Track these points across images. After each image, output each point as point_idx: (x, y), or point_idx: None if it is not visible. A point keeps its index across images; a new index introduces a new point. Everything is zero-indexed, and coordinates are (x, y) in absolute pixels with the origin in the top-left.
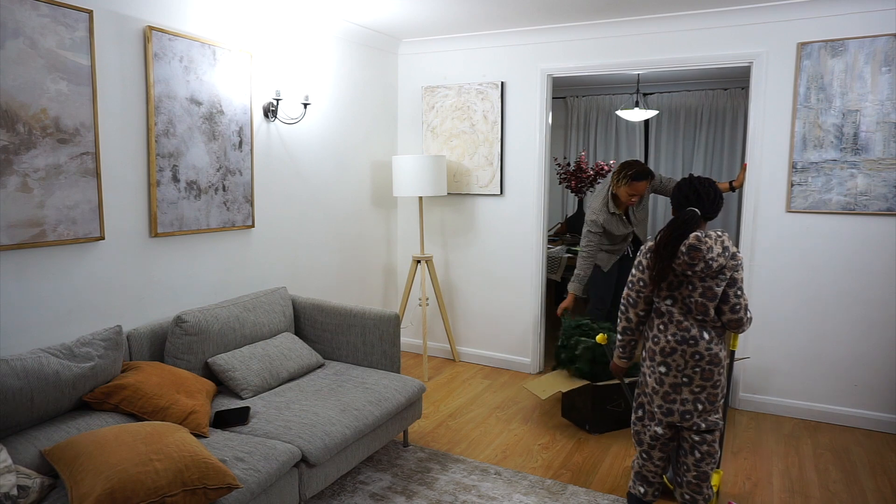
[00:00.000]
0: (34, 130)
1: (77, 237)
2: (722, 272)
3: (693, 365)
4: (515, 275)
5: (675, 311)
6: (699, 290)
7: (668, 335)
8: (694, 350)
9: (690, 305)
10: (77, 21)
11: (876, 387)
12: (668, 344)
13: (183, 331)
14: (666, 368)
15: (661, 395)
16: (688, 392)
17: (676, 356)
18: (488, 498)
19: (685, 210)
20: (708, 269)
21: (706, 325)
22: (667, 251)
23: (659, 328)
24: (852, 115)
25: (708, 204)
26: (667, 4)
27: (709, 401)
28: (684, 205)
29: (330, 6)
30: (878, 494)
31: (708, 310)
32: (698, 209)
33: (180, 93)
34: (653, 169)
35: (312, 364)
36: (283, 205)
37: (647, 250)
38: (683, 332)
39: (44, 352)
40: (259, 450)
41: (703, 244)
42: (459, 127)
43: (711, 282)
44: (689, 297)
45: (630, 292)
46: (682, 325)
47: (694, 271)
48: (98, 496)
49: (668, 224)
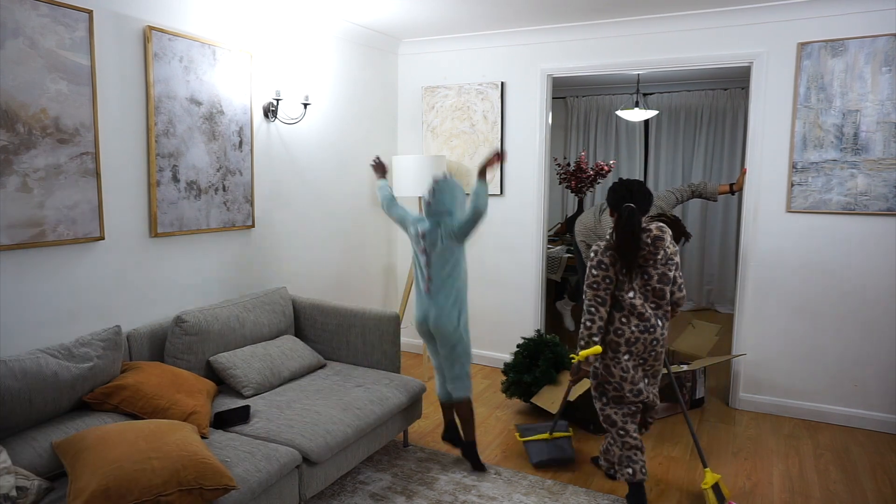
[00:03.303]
0: (34, 130)
1: (77, 237)
2: (672, 258)
3: (650, 350)
4: (515, 275)
5: (637, 303)
6: (655, 278)
7: (632, 326)
8: (653, 337)
9: (648, 293)
10: (77, 21)
11: (876, 387)
12: (632, 335)
13: (183, 331)
14: (629, 356)
15: (629, 380)
16: (642, 372)
17: (639, 344)
18: (488, 498)
19: (624, 207)
20: (665, 256)
21: (659, 312)
22: (631, 245)
23: (621, 321)
24: (852, 115)
25: (641, 200)
26: (667, 4)
27: (655, 377)
28: (621, 203)
29: (330, 6)
30: (878, 494)
31: (665, 293)
32: (633, 205)
33: (180, 93)
34: (653, 169)
35: (313, 364)
36: (283, 205)
37: (604, 250)
38: (645, 322)
39: (42, 352)
40: (260, 450)
41: (665, 234)
42: (459, 127)
43: (664, 267)
44: (648, 284)
45: (598, 292)
46: (643, 315)
47: (656, 259)
48: (93, 492)
49: (616, 224)
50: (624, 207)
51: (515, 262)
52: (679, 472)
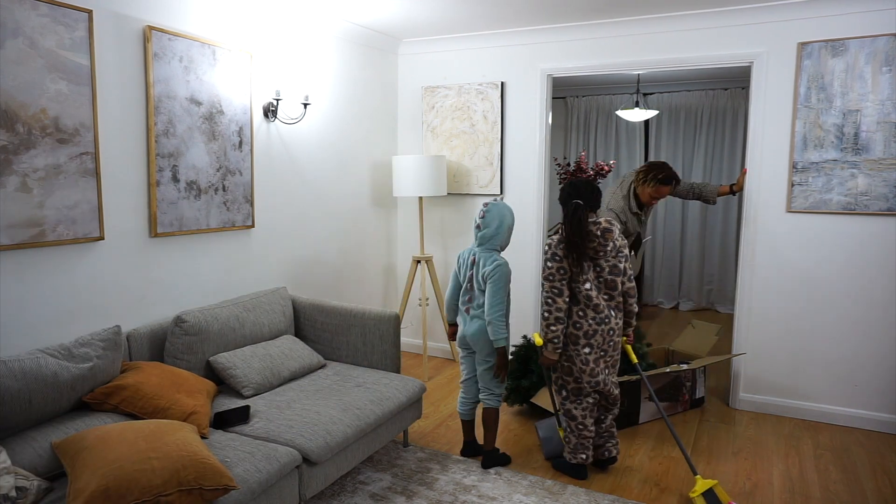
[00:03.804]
0: (34, 130)
1: (77, 237)
2: (621, 250)
3: (609, 340)
4: (515, 275)
5: (592, 295)
6: (607, 270)
7: (589, 319)
8: (608, 328)
9: (601, 285)
10: (77, 21)
11: (876, 387)
12: (590, 327)
13: (183, 331)
14: (590, 349)
15: (588, 372)
16: (603, 363)
17: (598, 336)
18: (488, 498)
19: (572, 202)
20: (614, 248)
21: (612, 304)
22: (580, 236)
23: (578, 314)
24: (853, 115)
25: (588, 196)
26: (667, 4)
27: (614, 367)
28: (570, 200)
29: (330, 6)
30: (878, 494)
31: (616, 284)
32: (581, 201)
33: (180, 93)
34: None
35: (314, 364)
36: (283, 205)
37: (557, 243)
38: (600, 314)
39: (42, 352)
40: (260, 450)
41: (613, 227)
42: (459, 127)
43: (614, 259)
44: (600, 276)
45: (554, 284)
46: (598, 308)
47: (606, 251)
48: (92, 492)
49: (565, 218)
50: (571, 203)
51: (515, 262)
52: (679, 472)
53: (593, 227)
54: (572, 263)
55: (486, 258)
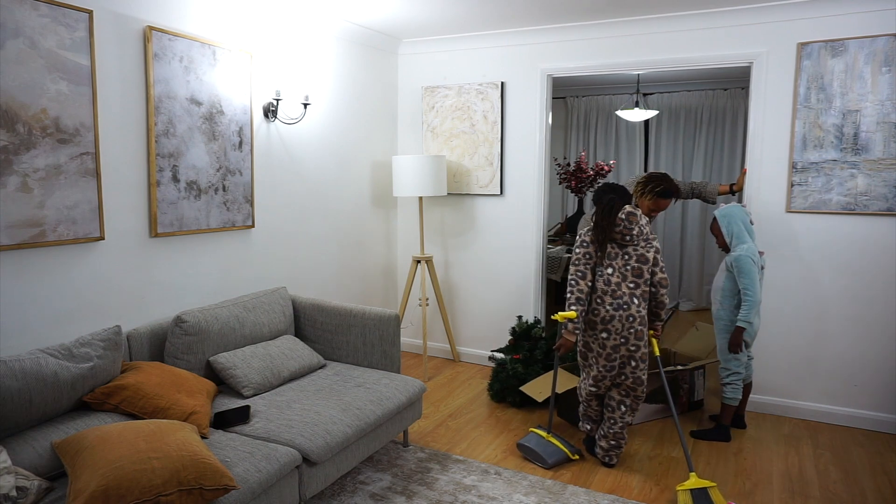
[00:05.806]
0: (34, 130)
1: (77, 237)
2: (648, 239)
3: (629, 327)
4: (515, 275)
5: (612, 280)
6: (634, 258)
7: (607, 305)
8: (628, 314)
9: (627, 272)
10: (77, 21)
11: (876, 387)
12: (607, 313)
13: (183, 331)
14: (607, 334)
15: (604, 356)
16: (625, 350)
17: (616, 322)
18: (488, 498)
19: (607, 196)
20: (640, 234)
21: (637, 291)
22: (608, 220)
23: (597, 301)
24: (852, 115)
25: (622, 193)
26: (667, 4)
27: (642, 360)
28: (605, 196)
29: (330, 6)
30: (878, 494)
31: (643, 272)
32: (616, 196)
33: (180, 93)
34: (653, 169)
35: (314, 365)
36: (283, 205)
37: (587, 231)
38: (618, 300)
39: (42, 352)
40: (260, 450)
41: (637, 212)
42: (459, 127)
43: (642, 248)
44: (627, 264)
45: (578, 267)
46: (616, 293)
47: (632, 235)
48: (92, 492)
49: (597, 209)
50: (607, 196)
51: (515, 262)
52: (679, 472)
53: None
54: (597, 248)
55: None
